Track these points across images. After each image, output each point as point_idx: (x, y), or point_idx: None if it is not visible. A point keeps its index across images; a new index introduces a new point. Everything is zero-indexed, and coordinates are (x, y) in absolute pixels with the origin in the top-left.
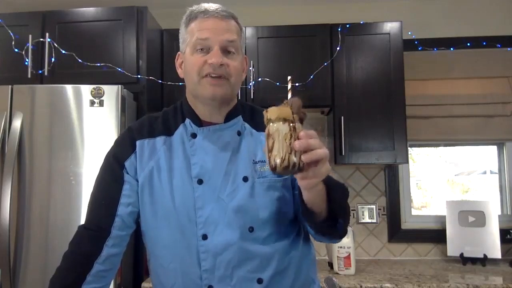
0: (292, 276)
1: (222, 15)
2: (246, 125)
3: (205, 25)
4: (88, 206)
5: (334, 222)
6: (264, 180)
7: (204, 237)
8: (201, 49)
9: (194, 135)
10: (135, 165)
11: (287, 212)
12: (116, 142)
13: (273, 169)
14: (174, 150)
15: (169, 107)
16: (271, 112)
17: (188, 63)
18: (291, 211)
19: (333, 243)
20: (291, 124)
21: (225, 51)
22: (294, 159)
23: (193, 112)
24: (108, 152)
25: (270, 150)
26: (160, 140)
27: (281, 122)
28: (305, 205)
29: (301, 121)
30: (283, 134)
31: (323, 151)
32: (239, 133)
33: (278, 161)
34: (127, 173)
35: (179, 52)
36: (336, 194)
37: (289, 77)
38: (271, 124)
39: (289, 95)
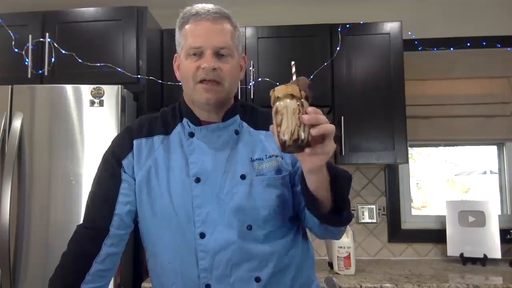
0: (291, 275)
1: (214, 17)
2: (244, 124)
3: (197, 30)
4: (86, 205)
5: (339, 211)
6: (263, 178)
7: (202, 235)
8: (194, 54)
9: (192, 134)
10: (133, 164)
11: (287, 210)
12: (114, 141)
13: (283, 144)
14: (171, 149)
15: (168, 107)
16: (279, 90)
17: (183, 67)
18: (291, 209)
19: (336, 237)
20: (299, 102)
21: (218, 55)
22: (302, 133)
23: (191, 112)
24: (106, 151)
25: (279, 125)
26: (157, 139)
27: (288, 99)
28: (310, 194)
29: (307, 99)
30: (292, 109)
31: (330, 126)
32: (236, 132)
33: (287, 136)
34: (125, 172)
35: (176, 55)
36: (340, 180)
37: (292, 62)
38: (278, 102)
39: (294, 78)
